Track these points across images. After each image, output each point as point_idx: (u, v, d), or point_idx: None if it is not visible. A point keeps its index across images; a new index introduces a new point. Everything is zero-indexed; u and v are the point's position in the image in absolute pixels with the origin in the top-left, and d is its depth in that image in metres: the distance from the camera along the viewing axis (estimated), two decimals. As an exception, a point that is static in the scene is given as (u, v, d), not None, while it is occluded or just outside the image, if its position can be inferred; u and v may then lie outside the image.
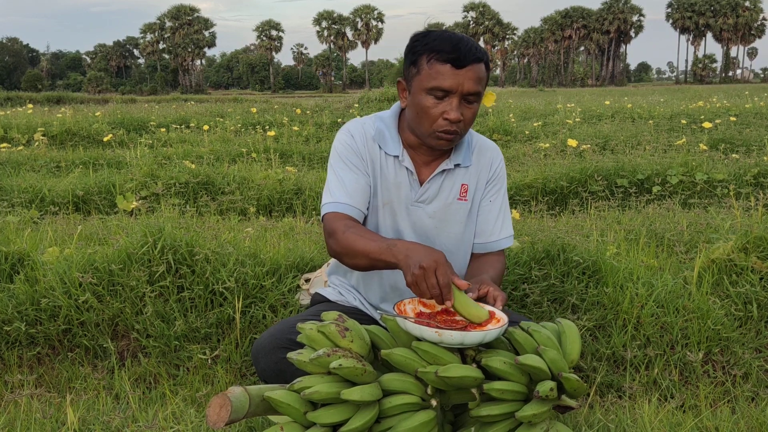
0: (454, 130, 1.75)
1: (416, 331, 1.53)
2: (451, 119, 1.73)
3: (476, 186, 1.95)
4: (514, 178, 5.02)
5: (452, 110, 1.72)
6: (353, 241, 1.67)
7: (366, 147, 1.88)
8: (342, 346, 1.55)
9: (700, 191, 4.60)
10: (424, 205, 1.90)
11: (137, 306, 2.42)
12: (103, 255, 2.56)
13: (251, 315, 2.42)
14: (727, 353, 2.25)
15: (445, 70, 1.70)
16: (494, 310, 1.64)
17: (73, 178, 5.06)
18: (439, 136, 1.77)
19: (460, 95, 1.72)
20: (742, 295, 2.42)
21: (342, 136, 1.91)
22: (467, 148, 1.93)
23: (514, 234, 2.07)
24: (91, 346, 2.39)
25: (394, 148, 1.88)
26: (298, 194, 4.83)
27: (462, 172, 1.92)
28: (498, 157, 2.00)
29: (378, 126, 1.91)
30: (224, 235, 2.95)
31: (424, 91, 1.74)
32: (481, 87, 1.75)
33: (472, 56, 1.70)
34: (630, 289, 2.38)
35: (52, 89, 78.18)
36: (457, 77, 1.70)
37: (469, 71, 1.71)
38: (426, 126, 1.77)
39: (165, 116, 12.51)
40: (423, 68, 1.74)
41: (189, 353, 2.30)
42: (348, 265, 1.74)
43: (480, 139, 2.00)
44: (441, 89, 1.71)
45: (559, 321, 1.67)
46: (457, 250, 1.96)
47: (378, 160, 1.88)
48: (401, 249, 1.60)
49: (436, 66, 1.71)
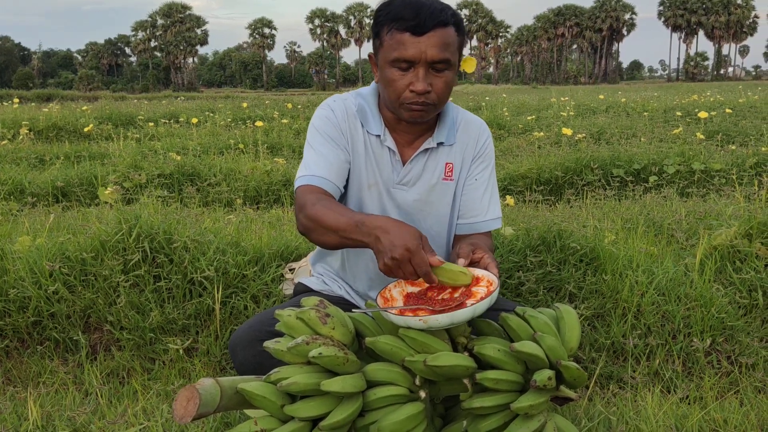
0: (423, 101, 1.61)
1: (401, 323, 1.40)
2: (418, 90, 1.58)
3: (462, 164, 1.81)
4: (507, 168, 4.91)
5: (418, 81, 1.58)
6: (322, 214, 1.51)
7: (347, 122, 1.74)
8: (323, 334, 1.43)
9: (697, 181, 4.49)
10: (407, 188, 1.77)
11: (111, 297, 2.29)
12: (75, 243, 2.43)
13: (232, 305, 2.29)
14: (732, 342, 2.14)
15: (405, 38, 1.56)
16: (484, 273, 1.50)
17: (55, 170, 4.91)
18: (409, 108, 1.62)
19: (426, 64, 1.57)
20: (747, 282, 2.31)
21: (321, 111, 1.77)
22: (452, 125, 1.79)
23: (505, 219, 1.95)
24: (61, 339, 2.26)
25: (375, 126, 1.74)
26: (286, 186, 4.70)
27: (446, 151, 1.78)
28: (485, 132, 1.85)
29: (359, 103, 1.77)
30: (205, 222, 2.82)
31: (388, 63, 1.60)
32: (450, 53, 1.59)
33: (433, 21, 1.55)
34: (630, 277, 2.26)
35: (43, 87, 77.65)
36: (419, 45, 1.56)
37: (432, 37, 1.56)
38: (394, 100, 1.63)
39: (154, 111, 12.34)
40: (385, 39, 1.60)
41: (165, 346, 2.18)
42: (318, 242, 1.57)
43: (465, 115, 1.85)
44: (403, 60, 1.57)
45: (557, 306, 1.55)
46: (446, 233, 1.84)
47: (361, 138, 1.75)
48: (371, 228, 1.42)
49: (396, 36, 1.57)
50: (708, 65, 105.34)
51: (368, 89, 1.81)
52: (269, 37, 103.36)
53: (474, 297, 1.42)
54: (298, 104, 13.49)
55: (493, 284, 1.42)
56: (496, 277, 1.43)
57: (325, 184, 1.64)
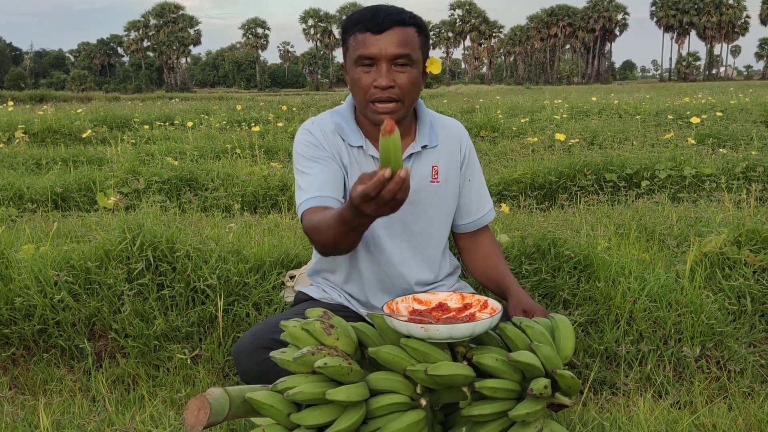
0: (388, 97, 1.69)
1: (402, 328, 1.47)
2: (381, 85, 1.67)
3: (448, 166, 1.89)
4: (502, 173, 4.97)
5: (381, 77, 1.67)
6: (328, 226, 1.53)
7: (327, 140, 1.81)
8: (327, 344, 1.48)
9: (688, 185, 4.57)
10: None
11: (115, 305, 2.34)
12: (80, 252, 2.47)
13: (234, 313, 2.34)
14: (721, 348, 2.21)
15: (366, 37, 1.68)
16: (491, 301, 1.58)
17: (53, 175, 4.95)
18: (374, 109, 1.71)
19: (387, 60, 1.67)
20: (736, 289, 2.38)
21: (300, 136, 1.84)
22: (430, 127, 1.87)
23: (500, 226, 2.04)
24: (67, 346, 2.30)
25: (356, 138, 1.81)
26: (283, 190, 4.75)
27: (430, 153, 1.86)
28: (464, 134, 1.96)
29: (335, 120, 1.84)
30: (206, 230, 2.87)
31: (353, 64, 1.71)
32: (410, 49, 1.69)
33: (391, 19, 1.67)
34: (622, 284, 2.33)
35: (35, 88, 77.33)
36: (379, 42, 1.67)
37: (390, 35, 1.67)
38: (362, 99, 1.73)
39: (149, 113, 12.36)
40: (350, 43, 1.72)
41: (169, 353, 2.23)
42: (346, 250, 1.60)
43: (440, 118, 1.95)
44: (365, 57, 1.68)
45: (552, 316, 1.61)
46: (437, 233, 1.91)
47: (344, 152, 1.81)
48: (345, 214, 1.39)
49: (358, 36, 1.69)
50: (700, 65, 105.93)
51: (343, 105, 1.89)
52: (263, 37, 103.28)
53: (476, 320, 1.49)
54: (293, 106, 13.53)
55: (496, 310, 1.49)
56: (500, 305, 1.50)
57: (325, 201, 1.69)
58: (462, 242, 2.01)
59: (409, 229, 1.85)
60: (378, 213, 1.32)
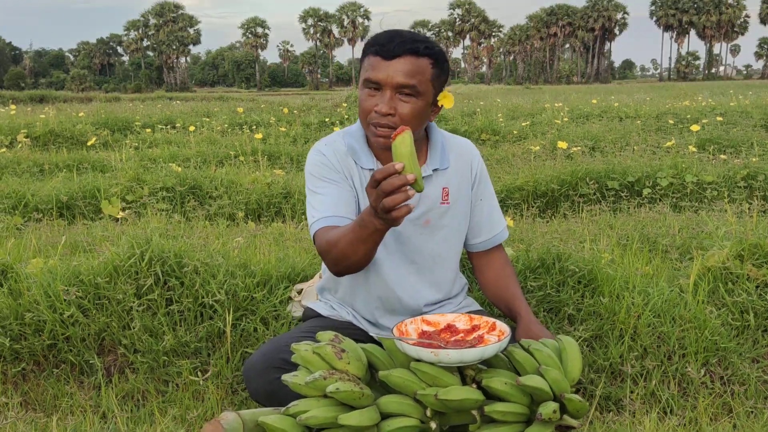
0: (385, 123, 1.69)
1: (413, 352, 1.49)
2: (380, 112, 1.68)
3: (458, 187, 1.90)
4: (504, 180, 4.99)
5: (382, 103, 1.68)
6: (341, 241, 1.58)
7: (340, 162, 1.82)
8: (338, 368, 1.50)
9: (690, 193, 4.59)
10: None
11: (124, 320, 2.36)
12: (89, 267, 2.49)
13: (242, 328, 2.36)
14: (725, 363, 2.23)
15: (376, 61, 1.68)
16: (498, 323, 1.60)
17: (57, 182, 4.97)
18: (373, 132, 1.72)
19: (392, 88, 1.67)
20: (739, 304, 2.40)
21: (312, 157, 1.85)
22: (441, 149, 1.88)
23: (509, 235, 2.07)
24: (77, 361, 2.32)
25: (367, 160, 1.82)
26: (287, 198, 4.77)
27: (441, 175, 1.87)
28: (476, 155, 1.97)
29: (347, 141, 1.85)
30: (213, 244, 2.89)
31: (362, 84, 1.73)
32: (417, 81, 1.68)
33: (404, 47, 1.66)
34: (626, 299, 2.35)
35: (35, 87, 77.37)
36: (387, 69, 1.67)
37: (400, 62, 1.66)
38: (363, 119, 1.75)
39: (150, 116, 12.36)
40: (363, 63, 1.73)
41: (178, 368, 2.25)
42: (358, 266, 1.64)
43: (452, 138, 1.95)
44: (371, 81, 1.69)
45: (559, 338, 1.63)
46: (446, 253, 1.93)
47: (356, 174, 1.83)
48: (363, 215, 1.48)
49: (370, 58, 1.70)
50: (699, 64, 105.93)
51: (355, 126, 1.90)
52: (262, 36, 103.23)
53: (485, 343, 1.52)
54: (294, 108, 13.55)
55: (504, 333, 1.51)
56: (508, 328, 1.52)
57: (337, 221, 1.71)
58: (474, 260, 2.03)
59: (419, 251, 1.87)
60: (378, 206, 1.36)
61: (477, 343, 1.55)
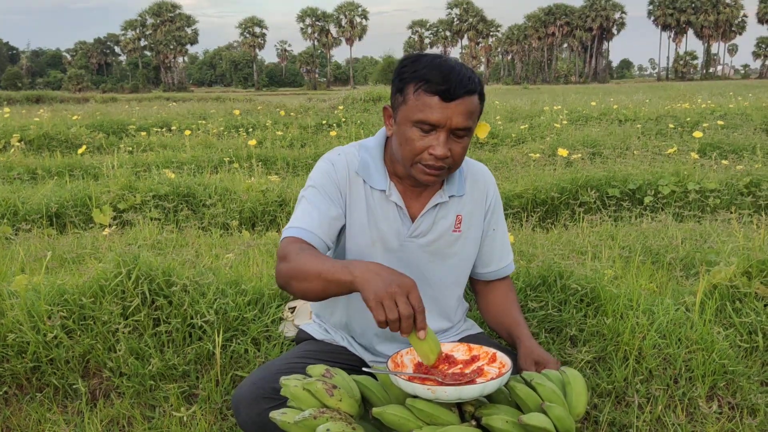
0: (441, 165, 1.61)
1: (408, 389, 1.41)
2: (438, 155, 1.58)
3: (471, 215, 1.82)
4: (504, 187, 4.91)
5: (439, 146, 1.58)
6: (305, 261, 1.49)
7: (348, 180, 1.73)
8: (330, 406, 1.42)
9: (692, 202, 4.51)
10: (417, 239, 1.77)
11: (110, 341, 2.27)
12: (74, 286, 2.41)
13: (232, 350, 2.28)
14: (733, 387, 2.15)
15: (434, 102, 1.55)
16: (499, 354, 1.52)
17: (48, 189, 4.87)
18: (424, 171, 1.62)
19: (449, 130, 1.58)
20: (747, 325, 2.32)
21: (322, 164, 1.76)
22: (459, 176, 1.80)
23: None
24: (60, 385, 2.24)
25: (380, 181, 1.73)
26: (282, 206, 4.69)
27: (456, 202, 1.79)
28: (491, 183, 1.89)
29: (362, 156, 1.76)
30: (205, 258, 2.80)
31: (410, 122, 1.59)
32: (473, 121, 1.60)
33: (463, 88, 1.55)
34: (631, 318, 2.27)
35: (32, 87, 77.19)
36: (446, 111, 1.55)
37: (460, 105, 1.56)
38: (410, 159, 1.63)
39: (146, 118, 12.25)
40: (410, 98, 1.59)
41: (165, 393, 2.16)
42: (297, 292, 1.54)
43: (470, 165, 1.86)
44: (428, 123, 1.57)
45: (563, 370, 1.55)
46: (453, 281, 1.85)
47: (362, 195, 1.74)
48: (359, 266, 1.40)
49: (424, 97, 1.56)
50: (697, 64, 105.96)
51: (374, 141, 1.80)
52: (260, 36, 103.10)
53: (485, 376, 1.44)
54: (291, 110, 13.45)
55: (505, 366, 1.43)
56: (509, 360, 1.44)
57: (312, 238, 1.62)
58: (477, 286, 1.96)
59: (426, 278, 1.79)
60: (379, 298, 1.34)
61: (476, 376, 1.46)
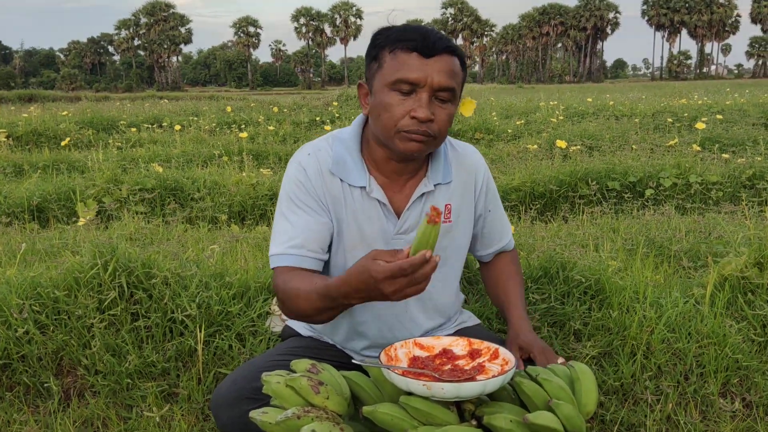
0: (425, 131, 1.44)
1: (402, 384, 1.27)
2: (420, 118, 1.42)
3: (461, 201, 1.66)
4: (500, 181, 4.78)
5: (421, 107, 1.42)
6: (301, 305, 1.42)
7: (324, 184, 1.55)
8: (315, 404, 1.29)
9: (694, 194, 4.39)
10: (405, 236, 1.61)
11: (84, 337, 2.13)
12: (48, 278, 2.27)
13: (215, 346, 2.14)
14: (747, 383, 2.03)
15: (412, 59, 1.42)
16: (502, 350, 1.39)
17: (31, 184, 4.72)
18: (407, 138, 1.45)
19: (431, 90, 1.42)
20: (760, 318, 2.20)
21: (293, 171, 1.57)
22: (444, 161, 1.63)
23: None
24: (32, 383, 2.09)
25: (358, 177, 1.55)
26: (272, 199, 4.54)
27: (444, 190, 1.62)
28: (480, 165, 1.72)
29: (337, 151, 1.57)
30: (188, 251, 2.66)
31: (388, 86, 1.44)
32: (456, 83, 1.45)
33: (442, 44, 1.42)
34: (638, 311, 2.14)
35: (25, 87, 76.77)
36: (426, 67, 1.41)
37: (440, 61, 1.42)
38: (390, 128, 1.45)
39: (137, 114, 12.09)
40: (385, 61, 1.45)
41: (143, 392, 2.02)
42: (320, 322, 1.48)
43: (455, 146, 1.69)
44: (407, 81, 1.42)
45: (571, 365, 1.42)
46: (447, 275, 1.71)
47: (340, 195, 1.56)
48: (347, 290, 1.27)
49: (401, 56, 1.43)
50: (691, 63, 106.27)
51: (349, 132, 1.62)
52: (254, 35, 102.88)
53: (486, 373, 1.30)
54: (284, 107, 13.31)
55: (508, 363, 1.30)
56: (513, 357, 1.31)
57: (303, 262, 1.50)
58: (480, 262, 1.88)
59: None
60: (398, 294, 1.19)
61: (477, 373, 1.33)
